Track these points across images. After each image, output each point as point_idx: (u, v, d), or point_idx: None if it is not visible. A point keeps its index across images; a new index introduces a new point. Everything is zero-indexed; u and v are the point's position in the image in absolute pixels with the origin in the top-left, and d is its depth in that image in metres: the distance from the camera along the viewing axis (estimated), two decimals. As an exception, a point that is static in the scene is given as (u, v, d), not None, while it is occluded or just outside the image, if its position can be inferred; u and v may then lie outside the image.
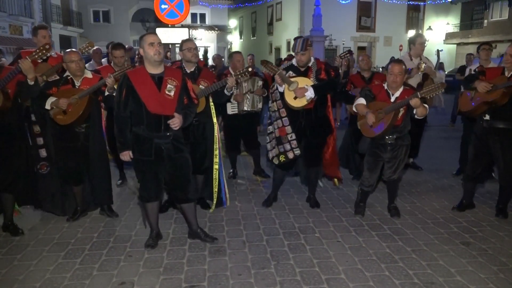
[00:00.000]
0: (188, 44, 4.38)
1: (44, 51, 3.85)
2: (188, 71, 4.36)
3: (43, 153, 4.24)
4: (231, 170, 5.89)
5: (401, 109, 4.06)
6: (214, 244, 3.76)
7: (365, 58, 5.69)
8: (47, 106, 3.94)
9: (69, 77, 4.06)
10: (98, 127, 4.21)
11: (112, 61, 5.22)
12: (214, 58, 9.38)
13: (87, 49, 4.84)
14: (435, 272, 3.29)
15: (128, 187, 5.43)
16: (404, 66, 4.14)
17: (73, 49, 4.24)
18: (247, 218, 4.42)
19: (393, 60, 4.29)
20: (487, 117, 4.26)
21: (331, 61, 5.71)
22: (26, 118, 4.38)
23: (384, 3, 25.55)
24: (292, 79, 4.28)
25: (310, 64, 4.38)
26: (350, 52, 5.93)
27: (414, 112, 4.06)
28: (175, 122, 3.42)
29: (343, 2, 24.95)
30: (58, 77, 4.06)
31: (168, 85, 3.47)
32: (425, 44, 5.83)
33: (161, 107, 3.43)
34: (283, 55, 24.73)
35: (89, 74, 4.14)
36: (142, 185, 3.65)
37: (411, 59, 5.94)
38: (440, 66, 13.21)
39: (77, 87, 4.03)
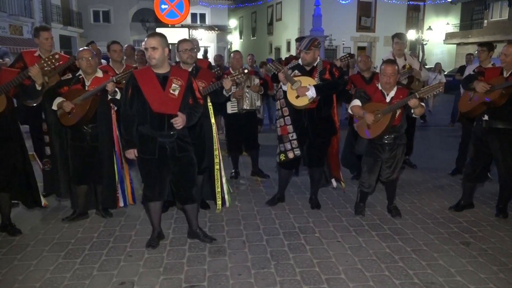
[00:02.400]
0: (184, 45, 4.35)
1: (53, 61, 3.89)
2: None
3: (47, 150, 4.39)
4: (233, 170, 5.90)
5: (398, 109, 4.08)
6: (214, 244, 3.76)
7: (363, 58, 5.66)
8: (54, 107, 3.98)
9: (80, 76, 4.09)
10: (106, 127, 4.18)
11: (110, 57, 5.24)
12: (215, 59, 9.47)
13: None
14: (435, 272, 3.29)
15: None
16: (396, 66, 4.16)
17: (86, 47, 4.30)
18: (247, 218, 4.42)
19: (385, 61, 4.27)
20: (486, 117, 4.27)
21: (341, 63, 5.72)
22: (36, 115, 4.51)
23: (384, 3, 25.54)
24: (295, 78, 4.29)
25: (315, 64, 4.38)
26: (351, 55, 5.91)
27: (412, 111, 4.07)
28: (178, 121, 3.43)
29: (343, 2, 24.95)
30: (71, 76, 4.12)
31: (173, 85, 3.49)
32: (402, 43, 5.75)
33: (164, 106, 3.45)
34: (283, 55, 24.72)
35: (99, 74, 4.15)
36: (145, 184, 3.67)
37: (394, 59, 5.91)
38: (437, 66, 12.96)
39: (86, 86, 4.06)
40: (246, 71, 4.44)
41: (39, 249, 3.67)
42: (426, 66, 11.03)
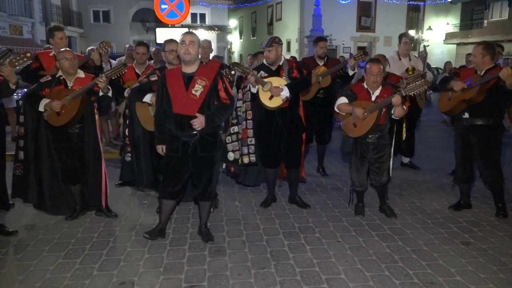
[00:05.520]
0: (170, 46, 4.24)
1: (25, 59, 3.89)
2: None
3: (21, 155, 4.25)
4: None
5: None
6: (214, 244, 3.76)
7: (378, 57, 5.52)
8: (41, 108, 3.95)
9: (61, 78, 4.05)
10: (91, 127, 4.22)
11: (134, 58, 5.32)
12: None
13: (104, 48, 4.92)
14: (435, 272, 3.29)
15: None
16: (381, 66, 4.17)
17: (67, 48, 4.25)
18: (247, 218, 4.42)
19: (371, 60, 4.26)
20: (467, 115, 4.31)
21: (343, 61, 5.56)
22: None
23: (384, 3, 25.52)
24: (265, 80, 4.28)
25: (281, 63, 4.39)
26: (365, 52, 5.77)
27: (392, 111, 4.08)
28: (196, 123, 3.46)
29: (343, 2, 24.92)
30: (50, 78, 4.05)
31: (196, 85, 3.50)
32: (410, 43, 5.74)
33: (184, 107, 3.49)
34: (283, 55, 24.70)
35: (81, 74, 4.13)
36: (164, 181, 3.75)
37: (400, 59, 5.91)
38: (447, 66, 12.85)
39: (69, 87, 4.02)
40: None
41: (39, 249, 3.67)
42: (433, 67, 10.94)
